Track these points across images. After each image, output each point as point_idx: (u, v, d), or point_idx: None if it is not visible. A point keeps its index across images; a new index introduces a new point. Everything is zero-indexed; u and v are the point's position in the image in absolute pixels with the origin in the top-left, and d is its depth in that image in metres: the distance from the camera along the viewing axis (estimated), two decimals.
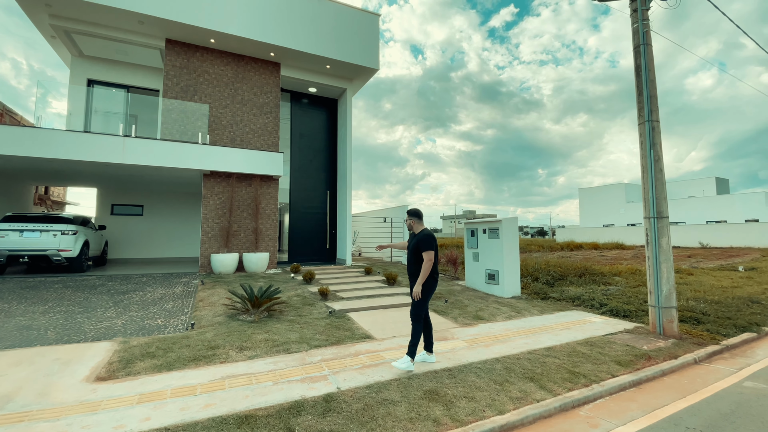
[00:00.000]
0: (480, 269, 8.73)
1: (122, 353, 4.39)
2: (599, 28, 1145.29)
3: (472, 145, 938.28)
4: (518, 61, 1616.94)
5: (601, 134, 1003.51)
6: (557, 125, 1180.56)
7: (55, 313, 5.87)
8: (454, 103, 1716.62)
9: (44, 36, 9.71)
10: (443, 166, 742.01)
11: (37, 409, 3.15)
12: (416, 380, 3.87)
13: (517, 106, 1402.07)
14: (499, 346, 5.04)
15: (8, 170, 9.48)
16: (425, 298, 4.20)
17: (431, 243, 4.16)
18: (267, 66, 11.00)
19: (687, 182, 41.10)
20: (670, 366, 4.55)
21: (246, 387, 3.63)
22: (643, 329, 6.04)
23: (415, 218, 4.43)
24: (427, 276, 4.13)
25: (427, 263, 4.09)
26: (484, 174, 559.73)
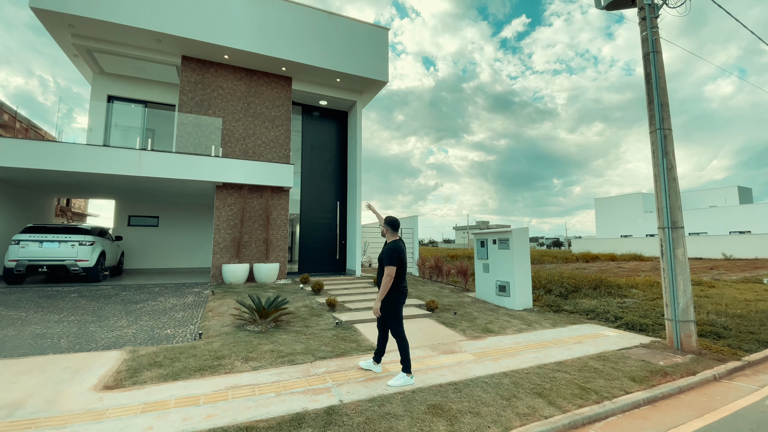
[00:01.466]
0: (490, 281, 8.60)
1: (130, 362, 4.45)
2: (613, 37, 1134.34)
3: (485, 155, 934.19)
4: (531, 71, 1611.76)
5: (617, 143, 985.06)
6: (572, 134, 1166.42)
7: (69, 322, 6.01)
8: (466, 114, 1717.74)
9: (68, 55, 10.17)
10: (456, 177, 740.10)
11: (44, 416, 3.21)
12: (420, 394, 3.80)
13: (530, 115, 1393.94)
14: (507, 359, 4.92)
15: (31, 183, 9.86)
16: (395, 313, 4.08)
17: (393, 257, 3.99)
18: (279, 80, 11.25)
19: (708, 191, 39.91)
20: (687, 383, 4.36)
21: (249, 398, 3.63)
22: (659, 344, 5.82)
23: (388, 227, 4.29)
24: (386, 292, 3.98)
25: (386, 278, 3.94)
26: (498, 184, 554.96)
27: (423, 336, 5.85)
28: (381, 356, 4.37)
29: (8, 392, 3.62)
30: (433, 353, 5.10)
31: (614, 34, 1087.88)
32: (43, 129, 15.20)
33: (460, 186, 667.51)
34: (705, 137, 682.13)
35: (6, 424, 3.06)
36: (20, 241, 8.41)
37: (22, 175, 8.70)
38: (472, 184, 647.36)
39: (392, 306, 4.08)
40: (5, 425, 3.04)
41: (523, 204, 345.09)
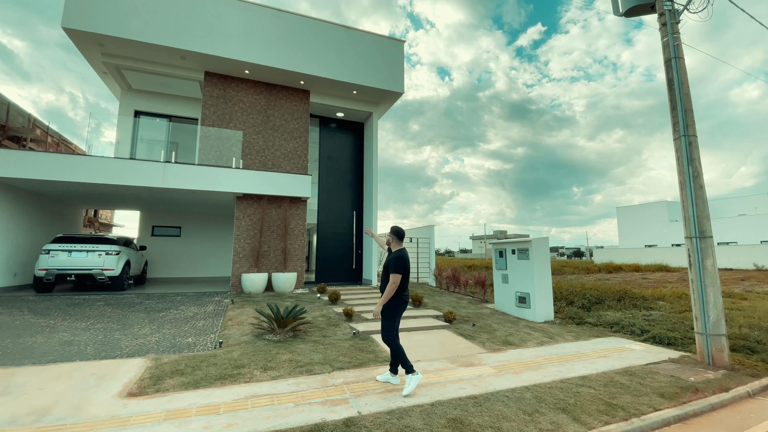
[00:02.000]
0: (509, 292, 8.45)
1: (153, 370, 4.54)
2: (632, 42, 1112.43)
3: (501, 164, 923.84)
4: (548, 78, 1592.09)
5: (639, 150, 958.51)
6: (592, 142, 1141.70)
7: (96, 329, 6.19)
8: (482, 122, 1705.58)
9: (97, 72, 10.68)
10: (472, 186, 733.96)
11: (71, 422, 3.29)
12: (439, 407, 3.73)
13: (548, 123, 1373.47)
14: (529, 373, 4.80)
15: (61, 195, 10.30)
16: (392, 320, 4.16)
17: (399, 265, 4.11)
18: (297, 93, 11.50)
19: (737, 199, 38.38)
20: (719, 400, 4.15)
21: (268, 407, 3.64)
22: (689, 359, 5.58)
23: (394, 236, 4.41)
24: (390, 297, 4.08)
25: (391, 285, 4.05)
26: (516, 193, 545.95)
27: (441, 348, 5.77)
28: (397, 366, 4.35)
29: (36, 398, 3.74)
30: (452, 366, 5.02)
31: (633, 40, 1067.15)
32: (73, 143, 15.91)
33: (476, 195, 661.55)
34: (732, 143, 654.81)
35: (35, 430, 3.15)
36: (50, 251, 8.75)
37: (54, 188, 9.11)
38: (489, 193, 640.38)
39: (391, 312, 4.15)
40: (33, 430, 3.14)
41: (542, 213, 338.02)
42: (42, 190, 9.60)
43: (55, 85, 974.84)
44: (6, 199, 8.76)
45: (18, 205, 9.26)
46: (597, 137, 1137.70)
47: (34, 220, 10.07)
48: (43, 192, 9.83)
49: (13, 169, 7.93)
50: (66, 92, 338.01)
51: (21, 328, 6.07)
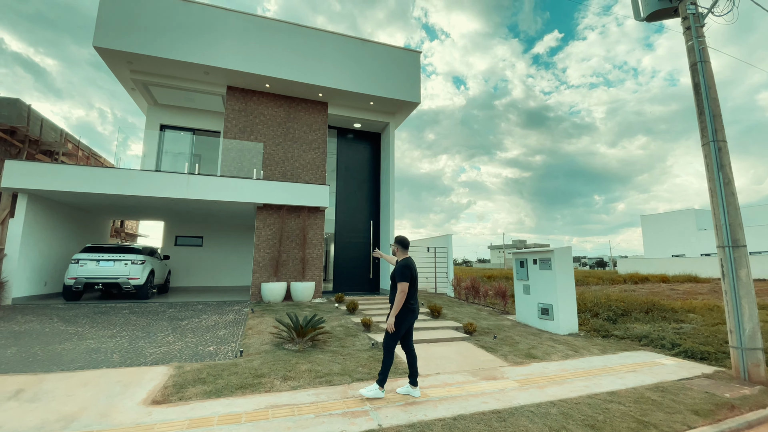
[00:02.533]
0: (531, 303, 8.25)
1: (176, 378, 4.61)
2: (653, 47, 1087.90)
3: (519, 172, 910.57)
4: (566, 85, 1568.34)
5: (663, 157, 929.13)
6: (613, 149, 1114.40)
7: (122, 337, 6.34)
8: (498, 131, 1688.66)
9: (126, 88, 11.15)
10: (489, 194, 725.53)
11: (97, 429, 3.35)
12: (462, 422, 3.64)
13: (567, 130, 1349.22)
14: (554, 388, 4.64)
15: (90, 206, 10.70)
16: (399, 330, 4.13)
17: (405, 274, 4.08)
18: (315, 106, 11.71)
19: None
20: (757, 417, 3.91)
21: (288, 418, 3.63)
22: (724, 374, 5.29)
23: (399, 246, 4.38)
24: (399, 308, 4.06)
25: (400, 294, 4.02)
26: (534, 201, 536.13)
27: (462, 360, 5.66)
28: (416, 377, 4.31)
29: (64, 405, 3.83)
30: (474, 378, 4.91)
31: (654, 45, 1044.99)
32: (102, 156, 16.58)
33: (494, 204, 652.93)
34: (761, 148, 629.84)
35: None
36: (79, 260, 9.07)
37: (84, 199, 9.48)
38: (507, 201, 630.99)
39: (398, 322, 4.12)
40: None
41: (562, 222, 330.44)
42: (72, 202, 10.00)
43: (85, 101, 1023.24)
44: (38, 211, 9.16)
45: (49, 216, 9.66)
46: (618, 144, 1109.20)
47: (64, 231, 10.48)
48: (72, 203, 10.24)
49: (46, 181, 8.30)
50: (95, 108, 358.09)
51: (50, 336, 6.27)
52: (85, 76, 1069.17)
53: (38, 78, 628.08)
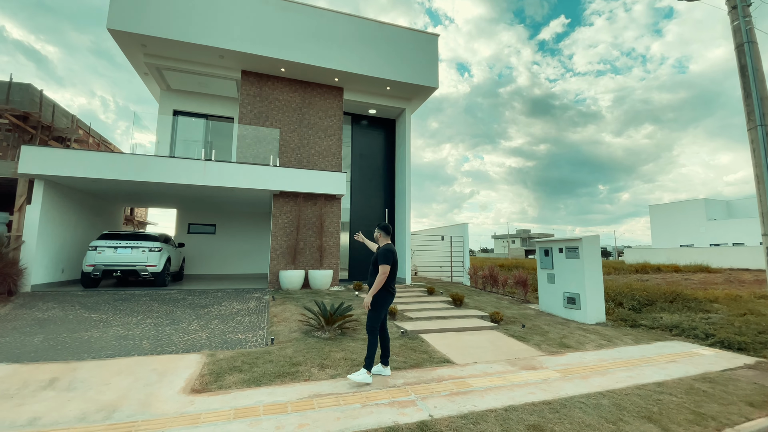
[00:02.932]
0: (556, 292, 8.11)
1: (211, 366, 4.51)
2: (662, 33, 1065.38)
3: (523, 161, 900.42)
4: (572, 72, 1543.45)
5: (670, 146, 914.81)
6: (619, 138, 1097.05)
7: (147, 324, 6.26)
8: (503, 119, 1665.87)
9: (138, 73, 10.91)
10: (492, 184, 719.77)
11: (141, 419, 3.25)
12: (514, 413, 3.53)
13: (572, 119, 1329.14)
14: (597, 378, 4.52)
15: (105, 192, 10.56)
16: (378, 311, 4.23)
17: (388, 257, 4.23)
18: (331, 91, 11.45)
19: None
20: None
21: (335, 408, 3.52)
22: (767, 365, 5.17)
23: (382, 232, 4.56)
24: (379, 288, 4.17)
25: (380, 276, 4.16)
26: (538, 191, 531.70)
27: (496, 350, 5.55)
28: (388, 357, 4.50)
29: (102, 394, 3.73)
30: (513, 368, 4.80)
31: (663, 31, 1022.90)
32: (112, 144, 16.39)
33: (497, 193, 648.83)
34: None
35: (106, 427, 3.12)
36: (97, 247, 8.98)
37: (100, 186, 9.33)
38: (510, 191, 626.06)
39: (378, 303, 4.22)
40: (106, 428, 3.11)
41: (565, 212, 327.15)
42: (87, 188, 9.86)
43: (86, 89, 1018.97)
44: (54, 197, 9.03)
45: (65, 203, 9.54)
46: (624, 133, 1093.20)
47: (79, 218, 10.37)
48: (87, 190, 10.10)
49: (64, 167, 8.15)
50: (97, 96, 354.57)
51: (75, 323, 6.19)
52: (86, 63, 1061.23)
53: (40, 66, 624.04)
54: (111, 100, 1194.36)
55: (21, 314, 6.52)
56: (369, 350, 4.19)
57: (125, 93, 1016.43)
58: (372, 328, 4.23)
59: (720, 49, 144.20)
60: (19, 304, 7.19)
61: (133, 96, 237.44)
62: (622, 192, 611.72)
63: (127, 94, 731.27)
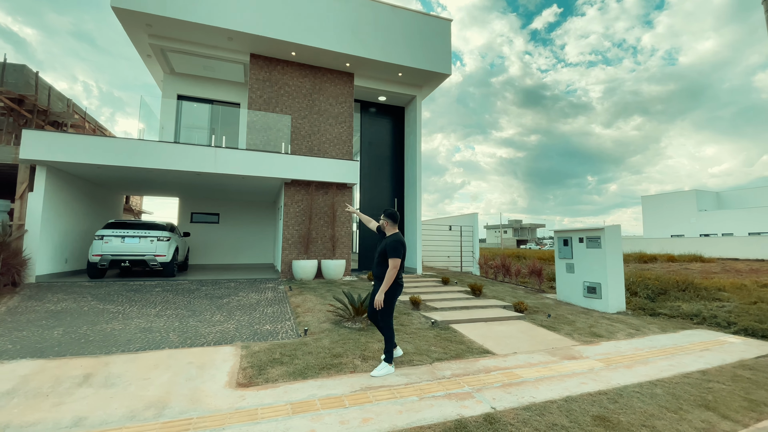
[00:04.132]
0: (575, 282, 8.12)
1: (250, 359, 4.36)
2: (652, 25, 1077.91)
3: (514, 152, 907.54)
4: (563, 63, 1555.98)
5: (658, 138, 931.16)
6: (608, 129, 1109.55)
7: (168, 316, 6.05)
8: (494, 109, 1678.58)
9: (141, 55, 10.43)
10: (483, 174, 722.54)
11: (197, 416, 3.10)
12: (575, 403, 3.47)
13: (563, 110, 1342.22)
14: (641, 367, 4.51)
15: (108, 180, 10.16)
16: (390, 306, 4.08)
17: (398, 250, 4.00)
18: (342, 77, 11.14)
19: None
20: None
21: (392, 401, 3.42)
22: None
23: (389, 220, 4.24)
24: (390, 284, 3.98)
25: (392, 270, 3.95)
26: (528, 182, 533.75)
27: (530, 339, 5.50)
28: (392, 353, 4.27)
29: (145, 390, 3.56)
30: (554, 358, 4.75)
31: (654, 22, 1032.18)
32: (107, 130, 15.80)
33: (487, 184, 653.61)
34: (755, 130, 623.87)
35: (161, 426, 2.96)
36: (104, 237, 8.66)
37: (104, 173, 8.96)
38: (501, 182, 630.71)
39: (390, 298, 4.06)
40: (161, 426, 2.95)
41: (554, 202, 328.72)
42: (89, 176, 9.47)
43: (68, 73, 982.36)
44: (57, 185, 8.65)
45: (67, 191, 9.15)
46: (614, 124, 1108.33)
47: (81, 206, 9.98)
48: (89, 177, 9.71)
49: (69, 153, 7.78)
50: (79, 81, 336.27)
51: (93, 315, 5.95)
52: (66, 46, 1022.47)
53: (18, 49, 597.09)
54: (94, 86, 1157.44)
55: (32, 306, 6.25)
56: (387, 344, 4.09)
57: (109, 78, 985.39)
58: (387, 323, 4.10)
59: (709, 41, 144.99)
60: (27, 295, 6.90)
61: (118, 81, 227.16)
62: (610, 183, 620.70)
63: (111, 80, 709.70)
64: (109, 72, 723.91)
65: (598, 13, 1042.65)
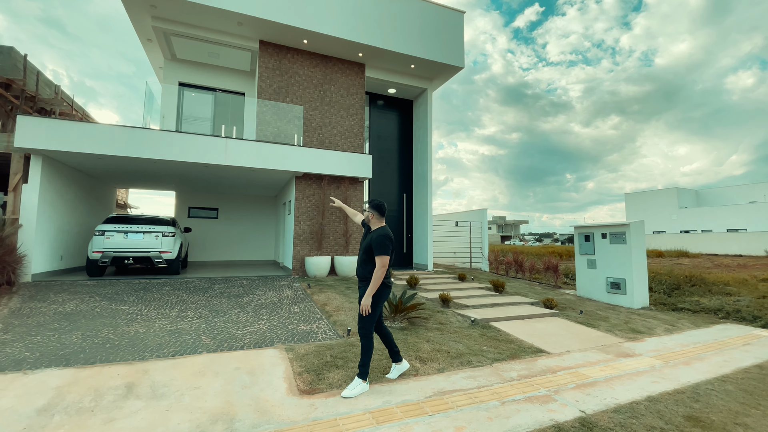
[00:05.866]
0: (597, 277, 8.11)
1: (301, 362, 4.07)
2: (630, 26, 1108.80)
3: (496, 150, 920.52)
4: (545, 62, 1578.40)
5: (633, 137, 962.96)
6: (587, 128, 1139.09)
7: (191, 316, 5.65)
8: (477, 107, 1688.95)
9: (140, 39, 9.78)
10: (466, 171, 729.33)
11: (273, 430, 2.80)
12: (659, 404, 3.35)
13: (543, 108, 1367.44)
14: (698, 363, 4.46)
15: (102, 172, 9.50)
16: (375, 310, 3.49)
17: (386, 246, 3.45)
18: (353, 67, 10.79)
19: (747, 186, 38.73)
20: None
21: (474, 407, 3.22)
22: None
23: (375, 212, 3.67)
24: (378, 285, 3.42)
25: (380, 270, 3.39)
26: (509, 179, 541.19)
27: (574, 337, 5.40)
28: (398, 353, 3.80)
29: (201, 400, 3.23)
30: (609, 356, 4.66)
31: (631, 24, 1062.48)
32: (95, 120, 14.91)
33: (470, 181, 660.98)
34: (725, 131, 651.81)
35: None
36: (105, 232, 8.10)
37: (102, 164, 8.36)
38: (483, 179, 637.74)
39: (376, 302, 3.49)
40: None
41: (534, 199, 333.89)
42: (86, 167, 8.84)
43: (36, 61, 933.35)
44: (53, 176, 8.01)
45: (62, 183, 8.50)
46: (592, 123, 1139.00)
47: (76, 199, 9.32)
48: (86, 169, 9.07)
49: (69, 142, 7.19)
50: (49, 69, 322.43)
51: (108, 317, 5.50)
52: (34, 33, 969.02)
53: None
54: (64, 74, 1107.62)
55: (37, 308, 5.73)
56: (364, 356, 3.48)
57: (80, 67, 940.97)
58: (366, 330, 3.49)
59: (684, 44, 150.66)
60: (27, 296, 6.34)
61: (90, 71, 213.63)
62: (587, 181, 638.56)
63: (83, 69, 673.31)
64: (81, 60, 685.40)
65: (578, 13, 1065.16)
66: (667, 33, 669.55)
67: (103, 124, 7.52)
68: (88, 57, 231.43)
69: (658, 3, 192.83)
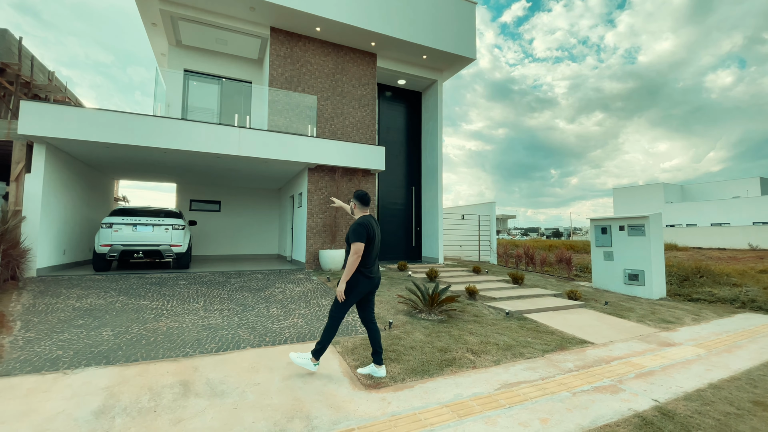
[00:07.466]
0: (614, 269, 8.21)
1: (353, 356, 3.96)
2: (614, 24, 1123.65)
3: (482, 145, 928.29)
4: (531, 58, 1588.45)
5: (616, 134, 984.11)
6: (572, 124, 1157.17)
7: (221, 311, 5.46)
8: (464, 102, 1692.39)
9: (144, 23, 9.34)
10: (453, 166, 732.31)
11: (357, 426, 2.68)
12: (722, 391, 3.38)
13: (530, 104, 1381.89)
14: (739, 351, 4.54)
15: (105, 162, 9.07)
16: (348, 299, 3.43)
17: (360, 233, 3.36)
18: (364, 57, 10.58)
19: (729, 182, 40.06)
20: None
21: (548, 398, 3.17)
22: None
23: (357, 201, 3.64)
24: (352, 272, 3.35)
25: (352, 257, 3.33)
26: (495, 174, 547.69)
27: (611, 328, 5.43)
28: (380, 354, 3.59)
29: (267, 397, 3.09)
30: (652, 346, 4.69)
31: (616, 21, 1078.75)
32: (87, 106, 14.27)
33: (456, 176, 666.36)
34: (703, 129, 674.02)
35: None
36: (113, 225, 7.76)
37: (107, 153, 7.97)
38: (470, 174, 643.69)
39: (350, 291, 3.41)
40: None
41: (519, 194, 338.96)
42: (89, 157, 8.43)
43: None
44: (56, 166, 7.61)
45: (65, 173, 8.09)
46: (577, 120, 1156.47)
47: (79, 191, 8.89)
48: (88, 159, 8.65)
49: (75, 129, 6.81)
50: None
51: (131, 312, 5.26)
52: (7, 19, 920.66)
53: None
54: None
55: (52, 304, 5.43)
56: (324, 335, 3.45)
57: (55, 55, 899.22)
58: (334, 315, 3.46)
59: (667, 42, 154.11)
60: (37, 291, 6.02)
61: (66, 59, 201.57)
62: (571, 176, 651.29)
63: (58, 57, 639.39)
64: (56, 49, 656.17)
65: (564, 10, 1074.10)
66: (651, 31, 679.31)
67: (113, 111, 7.16)
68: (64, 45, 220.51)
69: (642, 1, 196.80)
